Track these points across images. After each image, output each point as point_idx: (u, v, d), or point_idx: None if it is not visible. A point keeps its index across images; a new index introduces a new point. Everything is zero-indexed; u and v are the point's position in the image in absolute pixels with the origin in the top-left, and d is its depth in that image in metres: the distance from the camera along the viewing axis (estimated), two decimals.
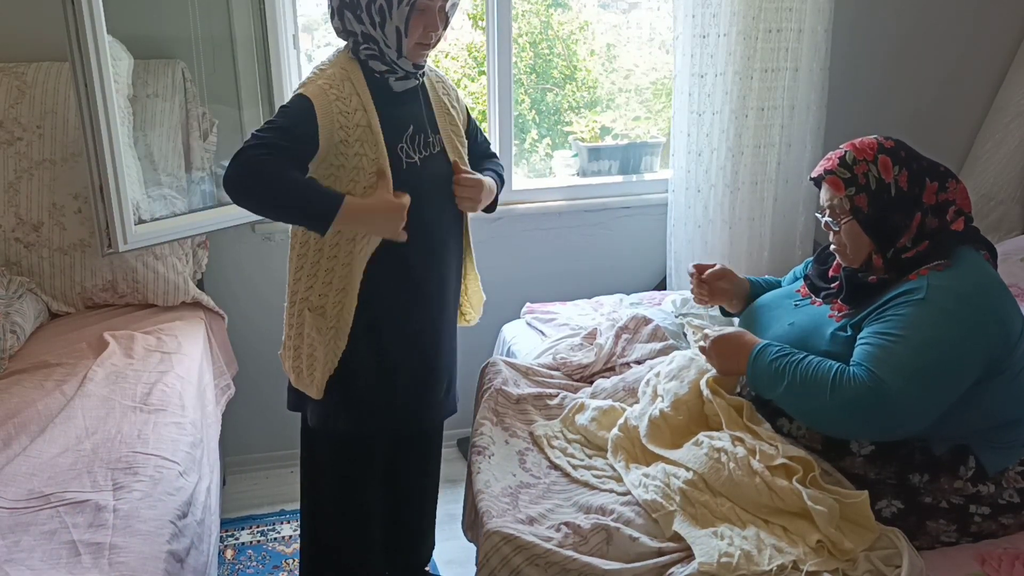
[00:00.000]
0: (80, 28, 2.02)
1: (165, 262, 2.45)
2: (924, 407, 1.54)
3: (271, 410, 2.87)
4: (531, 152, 3.56)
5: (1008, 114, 3.23)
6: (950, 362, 1.54)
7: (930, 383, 1.53)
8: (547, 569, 1.49)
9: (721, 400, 1.75)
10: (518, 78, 3.54)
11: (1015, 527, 1.65)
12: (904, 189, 1.64)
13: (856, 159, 1.66)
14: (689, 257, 2.99)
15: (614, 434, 1.83)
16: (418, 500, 2.21)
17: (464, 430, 2.83)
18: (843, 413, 1.56)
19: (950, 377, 1.55)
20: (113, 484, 1.66)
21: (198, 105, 2.51)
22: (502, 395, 2.03)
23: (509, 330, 2.63)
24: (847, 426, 1.60)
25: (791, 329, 1.76)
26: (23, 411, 1.88)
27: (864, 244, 1.68)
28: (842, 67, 3.04)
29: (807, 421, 1.67)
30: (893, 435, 1.59)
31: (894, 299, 1.61)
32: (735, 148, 2.90)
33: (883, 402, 1.52)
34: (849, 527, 1.54)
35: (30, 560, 1.45)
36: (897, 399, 1.52)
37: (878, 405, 1.53)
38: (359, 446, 1.97)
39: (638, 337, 2.27)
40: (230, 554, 2.54)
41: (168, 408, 1.95)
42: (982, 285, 1.61)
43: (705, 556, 1.47)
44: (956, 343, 1.55)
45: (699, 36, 2.79)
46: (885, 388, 1.52)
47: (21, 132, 2.34)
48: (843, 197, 1.67)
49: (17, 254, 2.34)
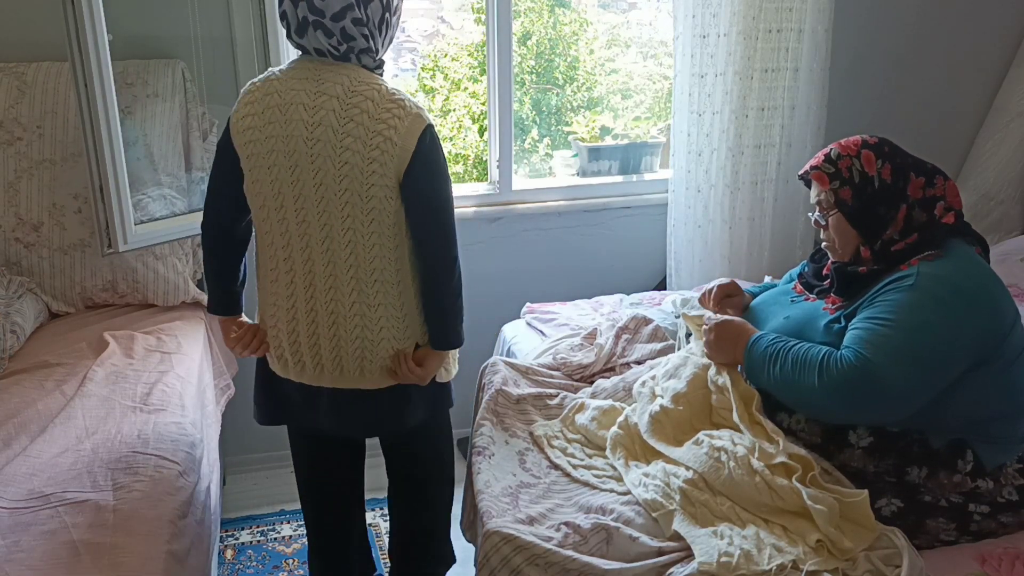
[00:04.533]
0: (80, 28, 2.02)
1: (165, 262, 2.45)
2: (911, 387, 1.55)
3: None
4: (531, 152, 3.56)
5: (1008, 114, 3.23)
6: (938, 346, 1.55)
7: (917, 365, 1.54)
8: (547, 569, 1.49)
9: (735, 388, 1.75)
10: (520, 78, 3.54)
11: (1015, 526, 1.65)
12: (888, 181, 1.68)
13: (840, 155, 1.72)
14: (689, 257, 2.99)
15: (613, 431, 1.83)
16: (417, 506, 2.18)
17: (464, 430, 2.83)
18: (832, 395, 1.57)
19: (938, 361, 1.56)
20: (113, 484, 1.66)
21: (198, 105, 2.51)
22: (502, 395, 2.03)
23: (509, 330, 2.63)
24: (837, 408, 1.61)
25: (786, 323, 1.79)
26: (23, 411, 1.88)
27: (851, 237, 1.72)
28: (842, 67, 3.04)
29: (799, 406, 1.68)
30: (882, 417, 1.60)
31: (885, 287, 1.64)
32: (735, 148, 2.90)
33: (870, 381, 1.54)
34: (849, 526, 1.54)
35: (30, 560, 1.45)
36: (884, 379, 1.53)
37: (865, 385, 1.54)
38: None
39: (638, 337, 2.27)
40: (230, 554, 2.54)
41: (168, 408, 1.95)
42: (973, 273, 1.62)
43: (705, 556, 1.47)
44: (945, 328, 1.56)
45: (699, 36, 2.79)
46: (872, 368, 1.53)
47: (21, 132, 2.34)
48: (828, 191, 1.72)
49: (17, 254, 2.34)
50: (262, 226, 1.80)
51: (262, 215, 1.78)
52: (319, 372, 1.83)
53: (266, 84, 1.74)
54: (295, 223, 1.75)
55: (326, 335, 1.80)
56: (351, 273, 1.75)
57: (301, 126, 1.69)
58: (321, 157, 1.68)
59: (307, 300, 1.79)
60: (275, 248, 1.79)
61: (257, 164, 1.74)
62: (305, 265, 1.77)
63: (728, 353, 1.79)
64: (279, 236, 1.77)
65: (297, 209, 1.73)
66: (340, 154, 1.68)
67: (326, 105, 1.68)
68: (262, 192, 1.76)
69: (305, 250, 1.76)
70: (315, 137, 1.68)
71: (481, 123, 3.51)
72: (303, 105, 1.69)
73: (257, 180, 1.75)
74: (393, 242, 1.75)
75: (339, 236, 1.73)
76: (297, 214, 1.74)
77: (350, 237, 1.73)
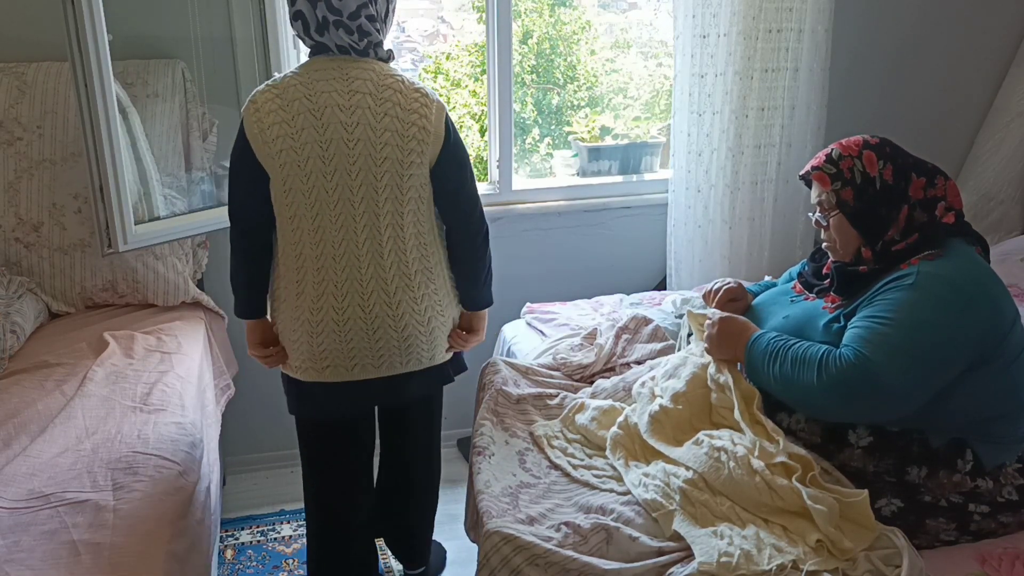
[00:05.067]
0: (80, 28, 2.02)
1: (165, 262, 2.45)
2: (910, 387, 1.54)
3: (271, 410, 2.87)
4: (531, 152, 3.56)
5: (1008, 114, 3.23)
6: (938, 344, 1.55)
7: (916, 363, 1.54)
8: (547, 569, 1.49)
9: (736, 387, 1.75)
10: (520, 78, 3.54)
11: (1014, 526, 1.65)
12: (889, 182, 1.67)
13: (842, 155, 1.71)
14: (689, 257, 2.99)
15: (613, 431, 1.83)
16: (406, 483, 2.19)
17: (464, 430, 2.83)
18: (831, 393, 1.57)
19: (937, 360, 1.55)
20: (113, 484, 1.66)
21: (198, 105, 2.51)
22: (502, 395, 2.03)
23: (509, 330, 2.63)
24: (836, 407, 1.60)
25: (786, 322, 1.79)
26: (23, 411, 1.88)
27: (852, 237, 1.71)
28: (842, 67, 3.04)
29: (798, 405, 1.68)
30: (881, 416, 1.60)
31: (885, 286, 1.63)
32: (735, 148, 2.90)
33: (868, 380, 1.54)
34: (849, 526, 1.54)
35: (30, 560, 1.45)
36: (882, 377, 1.53)
37: (864, 383, 1.54)
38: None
39: (638, 337, 2.27)
40: (230, 554, 2.54)
41: (168, 408, 1.95)
42: (973, 273, 1.62)
43: (705, 556, 1.47)
44: (944, 326, 1.56)
45: (699, 36, 2.79)
46: (871, 366, 1.53)
47: (21, 132, 2.34)
48: (829, 192, 1.71)
49: (17, 254, 2.34)
50: (290, 236, 1.77)
51: (292, 225, 1.76)
52: (361, 370, 1.85)
53: (286, 90, 1.71)
54: (334, 228, 1.74)
55: (376, 338, 1.81)
56: (394, 270, 1.79)
57: (340, 128, 1.70)
58: (362, 156, 1.71)
59: (347, 309, 1.79)
60: (304, 259, 1.77)
61: (291, 173, 1.72)
62: (345, 271, 1.77)
63: (729, 350, 1.79)
64: (311, 245, 1.76)
65: (337, 214, 1.74)
66: (380, 150, 1.71)
67: (361, 103, 1.70)
68: (295, 201, 1.74)
69: (344, 255, 1.76)
70: (355, 137, 1.70)
71: (481, 123, 3.51)
72: (338, 106, 1.70)
73: (291, 189, 1.73)
74: (427, 226, 1.82)
75: (381, 232, 1.76)
76: (336, 219, 1.74)
77: (391, 232, 1.77)
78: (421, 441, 2.15)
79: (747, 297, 2.00)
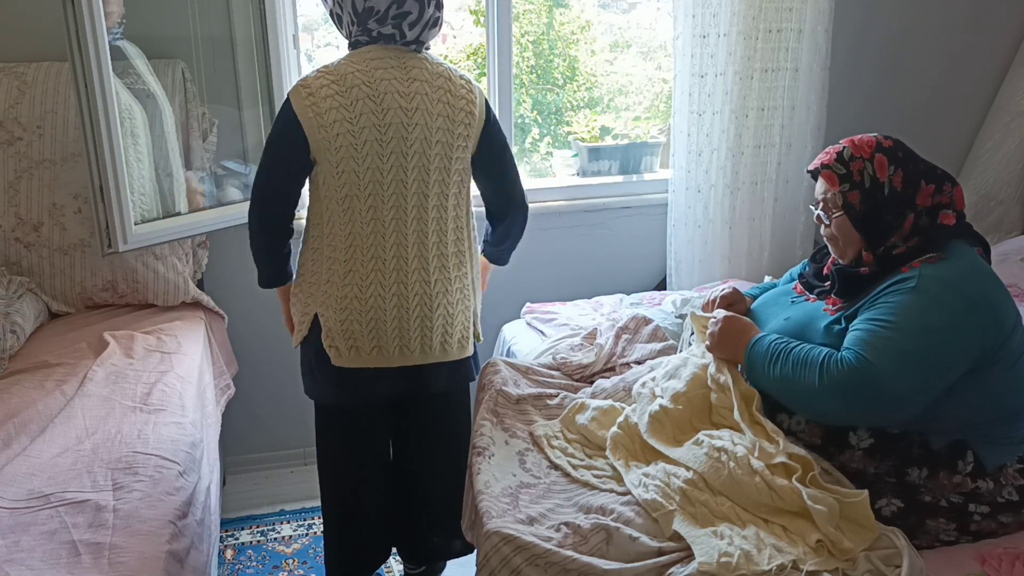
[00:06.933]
0: (80, 28, 2.02)
1: (165, 262, 2.45)
2: (911, 390, 1.54)
3: (271, 410, 2.88)
4: (531, 152, 3.56)
5: (1008, 114, 3.23)
6: (939, 348, 1.55)
7: (918, 366, 1.54)
8: (547, 569, 1.49)
9: (736, 387, 1.75)
10: (519, 78, 3.54)
11: (1015, 526, 1.65)
12: (898, 189, 1.66)
13: (853, 156, 1.68)
14: (689, 257, 2.99)
15: (613, 432, 1.83)
16: (423, 477, 2.19)
17: None
18: (832, 396, 1.57)
19: (938, 363, 1.55)
20: (113, 484, 1.66)
21: (198, 105, 2.51)
22: (502, 395, 2.03)
23: (509, 330, 2.63)
24: (836, 409, 1.60)
25: (786, 324, 1.78)
26: (23, 411, 1.88)
27: (854, 240, 1.70)
28: (842, 67, 3.04)
29: (799, 407, 1.68)
30: (882, 420, 1.60)
31: (886, 289, 1.63)
32: (735, 148, 2.90)
33: (870, 383, 1.53)
34: (849, 526, 1.54)
35: (30, 560, 1.44)
36: (884, 380, 1.52)
37: (865, 386, 1.54)
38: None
39: (638, 337, 2.27)
40: (230, 554, 2.54)
41: (168, 408, 1.95)
42: (975, 276, 1.61)
43: (705, 556, 1.47)
44: (946, 329, 1.55)
45: (699, 36, 2.79)
46: (872, 369, 1.53)
47: (21, 132, 2.34)
48: (837, 192, 1.70)
49: (17, 254, 2.34)
50: (341, 217, 1.84)
51: (343, 205, 1.83)
52: (400, 354, 1.90)
53: (343, 76, 1.78)
54: (388, 209, 1.82)
55: (413, 317, 1.88)
56: (435, 251, 1.89)
57: (400, 113, 1.79)
58: (418, 140, 1.81)
59: (392, 286, 1.87)
60: (355, 237, 1.84)
61: (346, 155, 1.79)
62: (393, 249, 1.85)
63: (730, 349, 1.78)
64: (363, 225, 1.83)
65: (391, 195, 1.82)
66: (434, 133, 1.82)
67: (419, 90, 1.81)
68: (347, 182, 1.81)
69: (393, 234, 1.84)
70: (413, 122, 1.80)
71: None
72: (398, 93, 1.79)
73: (344, 171, 1.80)
74: (465, 210, 1.94)
75: (427, 212, 1.85)
76: (389, 199, 1.82)
77: (435, 214, 1.87)
78: (438, 439, 2.15)
79: (744, 301, 2.00)
